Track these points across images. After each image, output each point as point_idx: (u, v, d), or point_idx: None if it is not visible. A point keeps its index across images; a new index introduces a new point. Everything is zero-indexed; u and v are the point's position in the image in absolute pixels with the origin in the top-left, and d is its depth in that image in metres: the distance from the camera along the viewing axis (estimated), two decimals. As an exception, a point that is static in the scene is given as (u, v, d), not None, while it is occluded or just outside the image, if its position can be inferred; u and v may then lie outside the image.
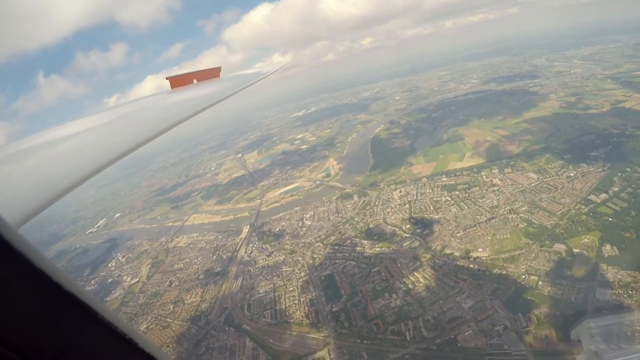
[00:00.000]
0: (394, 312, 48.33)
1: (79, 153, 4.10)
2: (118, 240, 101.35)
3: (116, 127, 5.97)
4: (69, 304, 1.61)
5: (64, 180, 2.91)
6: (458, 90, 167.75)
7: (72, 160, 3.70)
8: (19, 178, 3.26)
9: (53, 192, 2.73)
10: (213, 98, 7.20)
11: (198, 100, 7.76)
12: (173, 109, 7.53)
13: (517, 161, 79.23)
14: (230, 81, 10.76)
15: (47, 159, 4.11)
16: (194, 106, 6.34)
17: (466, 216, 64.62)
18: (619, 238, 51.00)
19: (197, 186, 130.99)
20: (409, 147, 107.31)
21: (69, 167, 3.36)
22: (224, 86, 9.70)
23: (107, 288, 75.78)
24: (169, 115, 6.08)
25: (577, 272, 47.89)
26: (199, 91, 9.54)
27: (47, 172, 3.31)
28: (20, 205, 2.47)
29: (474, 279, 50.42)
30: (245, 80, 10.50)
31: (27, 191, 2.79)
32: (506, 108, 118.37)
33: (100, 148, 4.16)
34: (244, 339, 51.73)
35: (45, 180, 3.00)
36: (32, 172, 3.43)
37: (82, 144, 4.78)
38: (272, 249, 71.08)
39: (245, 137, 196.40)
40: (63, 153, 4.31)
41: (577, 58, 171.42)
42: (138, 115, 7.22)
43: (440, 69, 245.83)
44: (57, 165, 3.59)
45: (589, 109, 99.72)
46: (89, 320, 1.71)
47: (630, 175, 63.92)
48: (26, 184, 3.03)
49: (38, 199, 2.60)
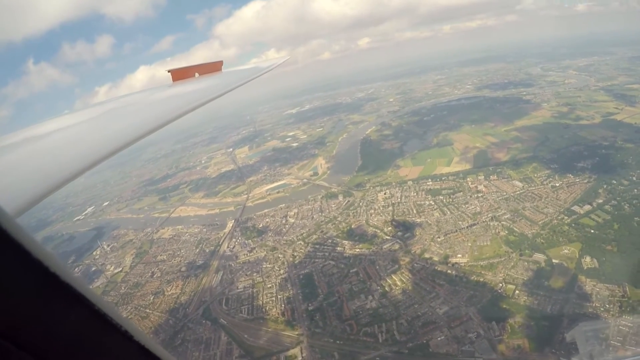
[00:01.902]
0: (369, 314, 48.29)
1: (81, 143, 4.10)
2: (104, 228, 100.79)
3: (118, 118, 6.01)
4: (66, 294, 1.60)
5: (64, 170, 2.88)
6: (452, 94, 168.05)
7: (74, 151, 3.69)
8: (19, 168, 3.27)
9: (54, 181, 2.70)
10: (214, 92, 7.22)
11: (199, 93, 7.85)
12: (175, 101, 7.58)
13: (503, 168, 79.33)
14: (232, 75, 10.75)
15: (48, 148, 4.12)
16: (195, 99, 6.40)
17: (448, 221, 64.69)
18: (600, 251, 51.11)
19: (186, 178, 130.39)
20: (398, 150, 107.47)
21: (71, 157, 3.36)
22: (225, 80, 9.73)
23: (90, 276, 75.17)
24: (171, 108, 6.10)
25: (555, 282, 47.97)
26: (201, 85, 9.62)
27: (48, 162, 3.30)
28: (19, 195, 2.44)
29: (451, 285, 50.41)
30: (247, 74, 10.48)
31: (27, 181, 2.75)
32: (498, 115, 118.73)
33: (102, 138, 4.19)
34: (220, 333, 51.77)
35: (45, 171, 2.97)
36: (33, 162, 3.44)
37: (84, 134, 4.80)
38: (254, 245, 70.89)
39: (238, 132, 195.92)
40: (65, 143, 4.30)
41: (572, 68, 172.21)
42: (140, 107, 7.29)
43: (436, 73, 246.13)
44: (58, 155, 3.58)
45: (580, 120, 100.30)
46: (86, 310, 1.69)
47: (616, 187, 64.13)
48: (26, 173, 3.00)
49: (38, 188, 2.56)
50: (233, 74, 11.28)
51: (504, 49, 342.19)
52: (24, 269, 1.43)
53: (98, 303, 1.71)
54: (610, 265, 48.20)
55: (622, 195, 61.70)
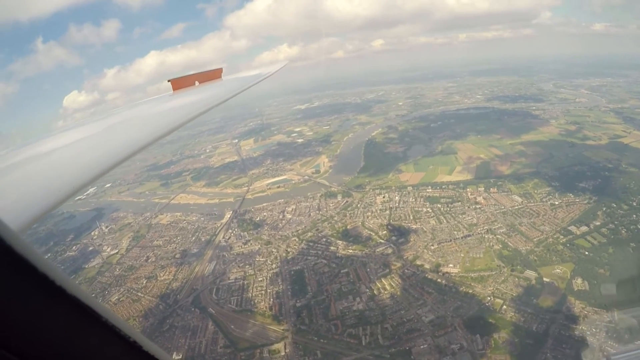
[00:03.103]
0: (355, 316, 48.65)
1: (84, 156, 4.16)
2: (104, 210, 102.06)
3: (119, 130, 6.14)
4: (72, 307, 1.63)
5: (67, 185, 2.94)
6: (461, 103, 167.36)
7: (76, 166, 3.71)
8: (22, 183, 3.29)
9: (57, 196, 2.76)
10: (215, 100, 7.58)
11: (200, 102, 8.07)
12: (175, 111, 7.74)
13: (504, 182, 79.09)
14: (232, 83, 11.01)
15: (51, 163, 4.17)
16: (196, 108, 6.66)
17: (443, 230, 64.74)
18: (592, 273, 51.03)
19: (189, 166, 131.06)
20: (402, 154, 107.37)
21: (73, 171, 3.39)
22: (225, 88, 9.95)
23: (87, 256, 76.59)
24: (172, 118, 6.35)
25: (543, 301, 48.07)
26: (201, 93, 9.72)
27: (51, 177, 3.34)
28: (23, 210, 2.49)
29: (439, 294, 50.62)
30: (247, 81, 10.73)
31: (29, 196, 2.79)
32: (505, 128, 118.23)
33: (104, 151, 4.22)
34: (207, 322, 52.51)
35: (49, 186, 3.00)
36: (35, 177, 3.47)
37: (85, 148, 4.87)
38: (250, 238, 71.38)
39: (245, 124, 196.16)
40: (67, 157, 4.35)
41: (584, 87, 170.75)
42: (141, 118, 7.42)
43: (447, 80, 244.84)
44: (60, 169, 3.65)
45: (586, 140, 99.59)
46: (93, 323, 1.74)
47: (615, 211, 63.73)
48: (29, 189, 3.03)
49: (41, 203, 2.63)
50: (232, 81, 11.45)
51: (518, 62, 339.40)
52: (30, 284, 1.46)
53: (106, 315, 1.78)
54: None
55: (620, 220, 61.35)
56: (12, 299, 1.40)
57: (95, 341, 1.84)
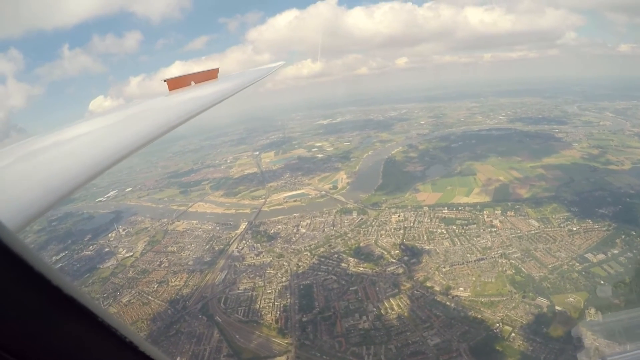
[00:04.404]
0: (360, 334, 48.53)
1: (78, 156, 4.16)
2: (123, 213, 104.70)
3: (115, 130, 6.04)
4: (69, 308, 1.66)
5: (63, 184, 3.00)
6: (483, 124, 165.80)
7: (71, 163, 3.72)
8: (19, 181, 3.27)
9: (53, 195, 2.79)
10: (210, 100, 7.49)
11: (195, 102, 7.89)
12: (171, 111, 7.62)
13: (522, 206, 77.67)
14: (228, 82, 10.95)
15: (47, 161, 4.13)
16: (192, 108, 6.58)
17: (457, 252, 64.06)
18: (607, 303, 49.51)
19: (209, 175, 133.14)
20: (420, 173, 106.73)
21: (68, 170, 3.41)
22: (221, 88, 9.86)
23: (102, 256, 78.80)
24: (167, 118, 6.22)
25: (553, 331, 46.81)
26: (197, 93, 9.72)
27: (47, 175, 3.33)
28: (20, 209, 2.50)
29: (447, 317, 50.09)
30: (242, 81, 10.84)
31: (26, 195, 2.80)
32: (526, 150, 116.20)
33: (99, 151, 4.24)
34: (213, 330, 53.15)
35: (44, 184, 3.02)
36: (32, 175, 3.42)
37: (81, 147, 4.84)
38: (263, 250, 71.96)
39: (267, 136, 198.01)
40: (62, 156, 4.40)
41: (609, 110, 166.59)
42: (137, 118, 7.37)
43: (471, 100, 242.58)
44: (56, 168, 3.63)
45: (609, 164, 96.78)
46: (89, 324, 1.77)
47: (634, 239, 61.77)
48: (26, 187, 3.02)
49: (37, 202, 2.66)
50: (228, 81, 11.42)
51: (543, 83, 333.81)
52: (26, 283, 1.48)
53: (102, 315, 1.80)
54: (615, 321, 46.70)
55: (639, 248, 59.58)
56: (8, 299, 1.43)
57: (91, 341, 1.87)
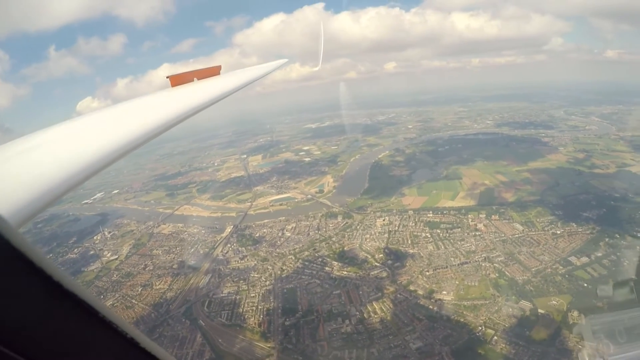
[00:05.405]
0: (342, 338, 48.33)
1: (80, 151, 4.06)
2: (109, 215, 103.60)
3: (117, 125, 5.94)
4: (70, 303, 1.66)
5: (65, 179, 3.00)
6: (471, 128, 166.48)
7: (74, 158, 3.65)
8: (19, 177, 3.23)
9: (55, 191, 2.79)
10: (213, 96, 7.51)
11: (198, 98, 7.83)
12: (174, 106, 7.38)
13: (507, 209, 78.07)
14: (230, 79, 10.86)
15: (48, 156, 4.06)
16: (195, 104, 6.61)
17: (441, 256, 64.09)
18: (589, 307, 49.59)
19: (196, 178, 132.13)
20: (406, 177, 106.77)
21: (71, 165, 3.37)
22: (223, 84, 9.86)
23: (87, 259, 78.02)
24: (170, 113, 6.16)
25: (536, 334, 46.96)
26: (199, 89, 9.59)
27: (48, 171, 3.27)
28: (20, 204, 2.48)
29: (430, 321, 49.95)
30: (245, 78, 10.80)
31: (27, 191, 2.74)
32: (512, 154, 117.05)
33: (101, 146, 4.16)
34: (196, 334, 52.74)
35: (46, 179, 2.98)
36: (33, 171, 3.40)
37: (83, 142, 4.77)
38: (247, 253, 71.54)
39: (255, 140, 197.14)
40: (65, 151, 4.30)
41: (595, 115, 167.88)
42: (139, 113, 7.22)
43: (459, 105, 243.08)
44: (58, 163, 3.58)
45: (594, 168, 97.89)
46: (89, 319, 1.77)
47: (618, 242, 62.28)
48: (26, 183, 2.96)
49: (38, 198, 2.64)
50: (231, 78, 11.31)
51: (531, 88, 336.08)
52: (27, 278, 1.48)
53: (103, 311, 1.80)
54: (597, 323, 46.85)
55: (623, 251, 59.65)
56: (9, 294, 1.42)
57: (92, 337, 1.87)
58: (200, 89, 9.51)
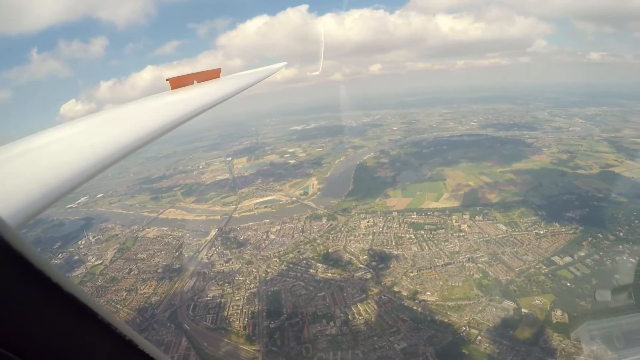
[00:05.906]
0: (327, 340, 48.28)
1: (80, 153, 4.07)
2: (93, 220, 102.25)
3: (117, 127, 5.96)
4: (69, 305, 1.68)
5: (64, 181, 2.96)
6: (455, 130, 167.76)
7: (73, 161, 3.61)
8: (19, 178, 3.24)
9: (55, 193, 2.77)
10: (213, 99, 7.44)
11: (198, 101, 7.81)
12: (174, 109, 7.47)
13: (491, 210, 78.80)
14: (230, 82, 10.86)
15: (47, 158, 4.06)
16: (194, 107, 6.56)
17: (424, 257, 64.37)
18: (572, 305, 50.38)
19: (181, 181, 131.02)
20: (391, 179, 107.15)
21: (70, 167, 3.33)
22: (223, 87, 9.84)
23: (71, 265, 76.89)
24: (170, 116, 6.14)
25: (520, 333, 47.42)
26: (199, 92, 9.64)
27: (48, 173, 3.26)
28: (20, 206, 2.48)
29: (414, 322, 50.12)
30: (245, 81, 10.74)
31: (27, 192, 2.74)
32: (497, 155, 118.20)
33: (102, 148, 4.13)
34: (181, 338, 52.33)
35: (46, 181, 2.96)
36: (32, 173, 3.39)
37: (83, 144, 4.75)
38: (232, 256, 71.11)
39: (240, 142, 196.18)
40: (64, 153, 4.29)
41: (579, 116, 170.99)
42: (139, 116, 7.25)
43: (444, 107, 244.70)
44: (57, 165, 3.54)
45: (577, 169, 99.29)
46: (88, 320, 1.79)
47: (601, 242, 63.20)
48: (26, 184, 2.97)
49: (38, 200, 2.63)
50: (230, 81, 11.33)
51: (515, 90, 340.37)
52: (26, 280, 1.48)
53: (101, 313, 1.83)
54: (582, 321, 47.36)
55: (606, 250, 60.63)
56: (8, 295, 1.41)
57: (92, 339, 1.88)
58: (200, 92, 9.55)
